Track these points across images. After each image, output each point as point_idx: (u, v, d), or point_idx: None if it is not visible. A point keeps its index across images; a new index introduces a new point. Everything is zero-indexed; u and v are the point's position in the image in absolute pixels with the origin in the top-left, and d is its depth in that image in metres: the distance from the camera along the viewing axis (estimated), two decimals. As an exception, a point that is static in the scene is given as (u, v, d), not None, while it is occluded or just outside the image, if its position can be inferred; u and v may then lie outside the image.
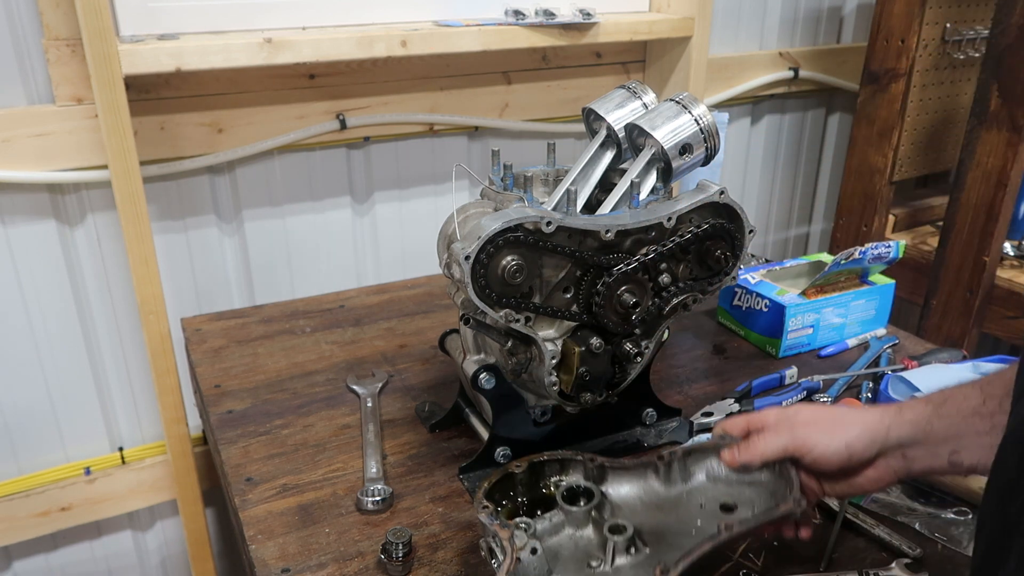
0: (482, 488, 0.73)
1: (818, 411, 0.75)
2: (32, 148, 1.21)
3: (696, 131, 0.86)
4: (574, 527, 0.72)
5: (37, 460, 1.41)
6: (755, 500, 0.74)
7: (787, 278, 1.28)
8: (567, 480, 0.77)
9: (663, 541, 0.71)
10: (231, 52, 1.19)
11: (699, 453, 0.77)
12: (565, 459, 0.77)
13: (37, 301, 1.32)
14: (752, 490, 0.75)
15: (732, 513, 0.74)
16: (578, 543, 0.71)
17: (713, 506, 0.75)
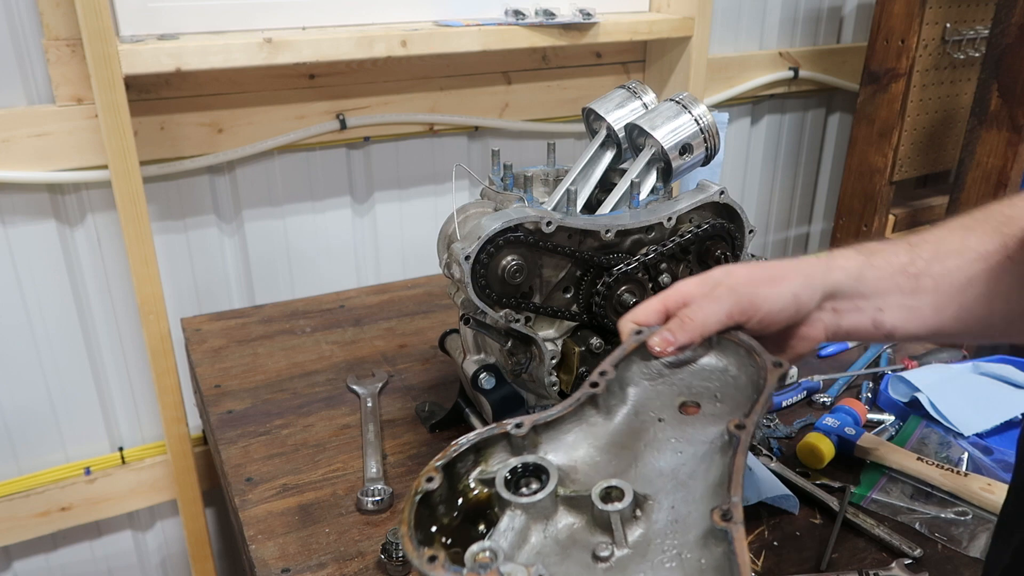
0: (406, 532, 0.51)
1: (751, 268, 0.65)
2: (32, 148, 1.21)
3: (696, 131, 0.86)
4: (542, 522, 0.54)
5: (37, 460, 1.41)
6: (717, 387, 0.62)
7: (787, 278, 1.28)
8: (493, 467, 0.57)
9: (656, 488, 0.56)
10: (231, 52, 1.19)
11: (626, 362, 0.62)
12: (479, 442, 0.57)
13: (37, 301, 1.32)
14: (705, 378, 0.63)
15: (699, 410, 0.61)
16: (560, 538, 0.53)
17: (673, 413, 0.61)
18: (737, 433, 0.54)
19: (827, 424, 0.96)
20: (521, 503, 0.53)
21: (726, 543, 0.47)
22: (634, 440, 0.59)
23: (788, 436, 0.99)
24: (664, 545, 0.51)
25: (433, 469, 0.54)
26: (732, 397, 0.60)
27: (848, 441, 0.94)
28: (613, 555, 0.51)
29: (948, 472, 0.88)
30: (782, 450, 0.96)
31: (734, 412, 0.58)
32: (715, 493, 0.52)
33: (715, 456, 0.55)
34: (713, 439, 0.57)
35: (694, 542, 0.50)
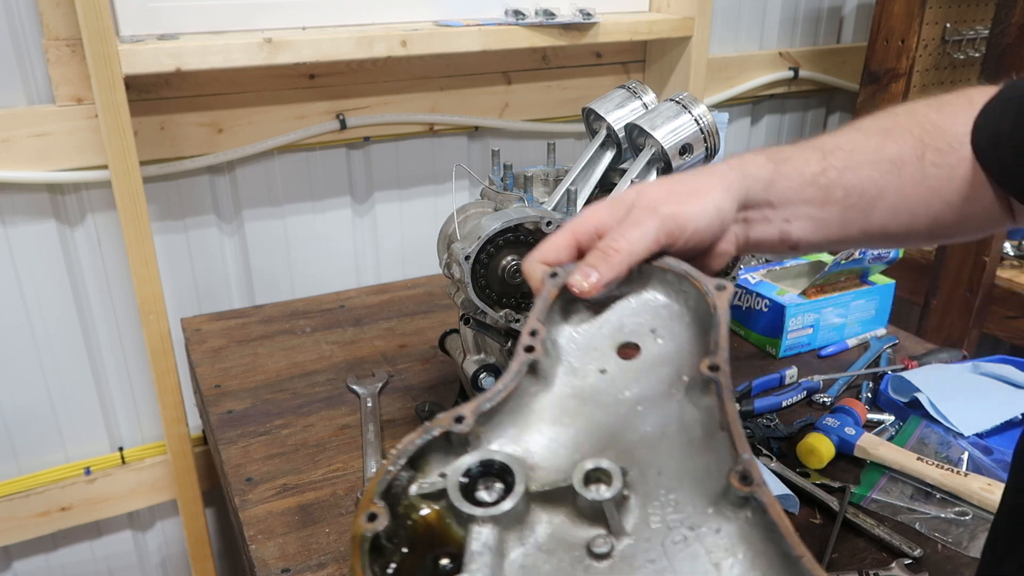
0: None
1: (665, 184, 0.58)
2: (32, 148, 1.21)
3: (696, 131, 0.86)
4: (517, 530, 0.44)
5: (37, 460, 1.41)
6: (651, 323, 0.53)
7: (787, 278, 1.28)
8: (432, 478, 0.45)
9: (630, 456, 0.46)
10: (231, 52, 1.19)
11: (550, 313, 0.53)
12: (415, 451, 0.45)
13: (37, 301, 1.32)
14: (635, 314, 0.54)
15: (639, 352, 0.52)
16: (544, 544, 0.44)
17: (614, 362, 0.52)
18: (714, 375, 0.46)
19: (827, 424, 0.96)
20: (489, 515, 0.42)
21: (750, 509, 0.42)
22: (582, 404, 0.50)
23: (788, 436, 0.99)
24: (667, 521, 0.44)
25: (373, 504, 0.42)
26: (673, 331, 0.52)
27: (848, 441, 0.94)
28: (614, 549, 0.43)
29: (948, 472, 0.88)
30: (782, 450, 0.96)
31: (682, 348, 0.51)
32: (705, 449, 0.45)
33: (685, 405, 0.47)
34: (671, 383, 0.49)
35: (702, 511, 0.43)
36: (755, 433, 0.99)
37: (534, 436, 0.48)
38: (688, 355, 0.50)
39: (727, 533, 0.42)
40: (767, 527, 0.41)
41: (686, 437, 0.46)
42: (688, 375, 0.48)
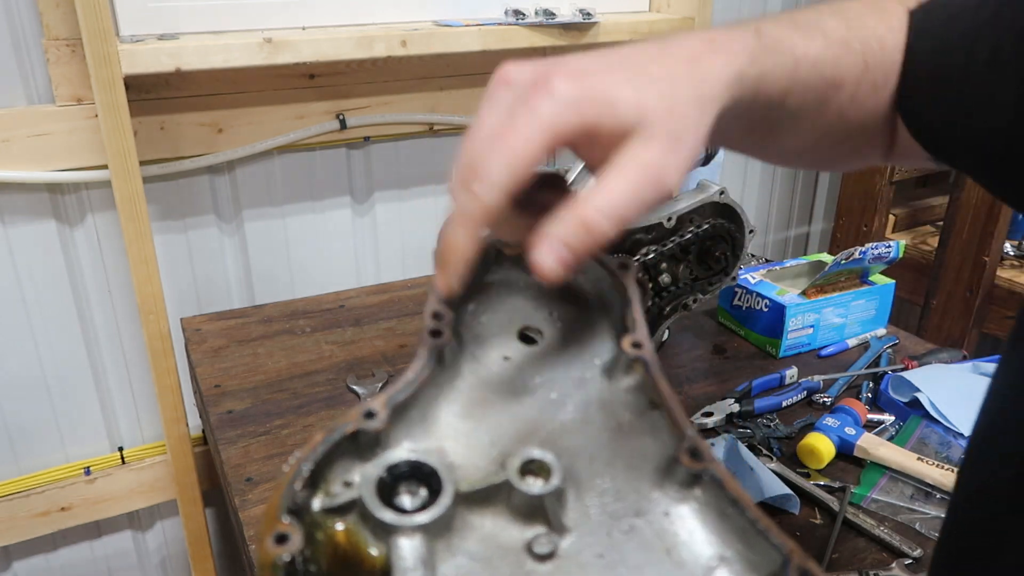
0: None
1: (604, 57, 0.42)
2: (32, 148, 1.21)
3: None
4: (446, 538, 0.38)
5: (37, 460, 1.41)
6: (547, 306, 0.48)
7: (787, 278, 1.28)
8: (336, 488, 0.38)
9: (554, 446, 0.42)
10: (231, 52, 1.19)
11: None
12: (322, 457, 0.38)
13: (37, 301, 1.32)
14: (529, 299, 0.49)
15: (541, 336, 0.47)
16: (476, 551, 0.38)
17: (516, 347, 0.47)
18: (639, 353, 0.42)
19: (827, 424, 0.96)
20: (416, 523, 0.36)
21: (700, 487, 0.39)
22: (492, 394, 0.45)
23: (788, 436, 0.99)
24: (609, 511, 0.40)
25: (279, 523, 0.35)
26: (570, 313, 0.48)
27: (848, 441, 0.94)
28: (557, 547, 0.39)
29: (948, 472, 0.88)
30: (782, 450, 0.96)
31: (586, 330, 0.47)
32: (636, 431, 0.42)
33: (604, 389, 0.44)
34: (583, 367, 0.45)
35: (646, 495, 0.40)
36: (755, 433, 0.99)
37: (446, 432, 0.43)
38: (593, 339, 0.47)
39: (677, 515, 0.40)
40: (721, 504, 0.39)
41: (613, 421, 0.43)
42: (600, 358, 0.45)
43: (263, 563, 0.34)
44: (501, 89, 0.40)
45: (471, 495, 0.39)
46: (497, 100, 0.40)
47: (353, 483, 0.38)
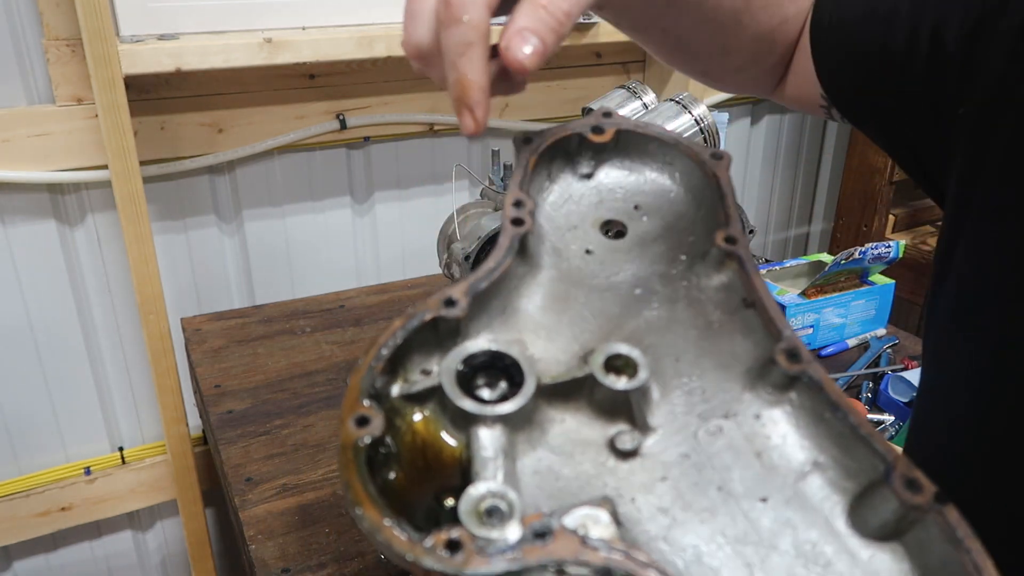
0: (376, 517, 0.31)
1: None
2: (32, 148, 1.21)
3: (696, 131, 0.86)
4: (526, 431, 0.37)
5: (37, 460, 1.41)
6: (632, 199, 0.46)
7: (787, 278, 1.28)
8: (415, 377, 0.37)
9: (638, 343, 0.39)
10: (231, 52, 1.19)
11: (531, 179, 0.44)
12: (402, 341, 0.36)
13: (37, 301, 1.32)
14: (611, 191, 0.47)
15: (626, 232, 0.45)
16: (557, 446, 0.37)
17: (599, 241, 0.45)
18: (733, 249, 0.41)
19: (827, 424, 0.96)
20: (498, 413, 0.35)
21: (795, 390, 0.37)
22: (574, 288, 0.43)
23: (788, 436, 0.99)
24: (696, 412, 0.38)
25: (361, 406, 0.34)
26: (659, 208, 0.46)
27: (848, 441, 0.94)
28: (640, 445, 0.37)
29: (948, 472, 0.88)
30: (782, 450, 0.96)
31: (672, 226, 0.45)
32: (726, 331, 0.40)
33: (692, 286, 0.42)
34: (669, 263, 0.43)
35: (736, 397, 0.38)
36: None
37: (526, 325, 0.41)
38: (681, 232, 0.44)
39: (769, 418, 0.37)
40: (818, 408, 0.36)
41: (702, 320, 0.41)
42: (687, 254, 0.43)
43: (345, 444, 0.33)
44: None
45: (553, 388, 0.38)
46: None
47: (432, 372, 0.37)
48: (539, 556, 0.29)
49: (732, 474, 0.36)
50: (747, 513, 0.35)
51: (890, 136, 0.56)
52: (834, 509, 0.35)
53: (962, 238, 0.48)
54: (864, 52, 0.54)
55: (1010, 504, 0.45)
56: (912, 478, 0.32)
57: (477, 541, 0.30)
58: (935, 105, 0.50)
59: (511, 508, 0.32)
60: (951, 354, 0.49)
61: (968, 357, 0.48)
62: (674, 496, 0.36)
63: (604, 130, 0.45)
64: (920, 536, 0.32)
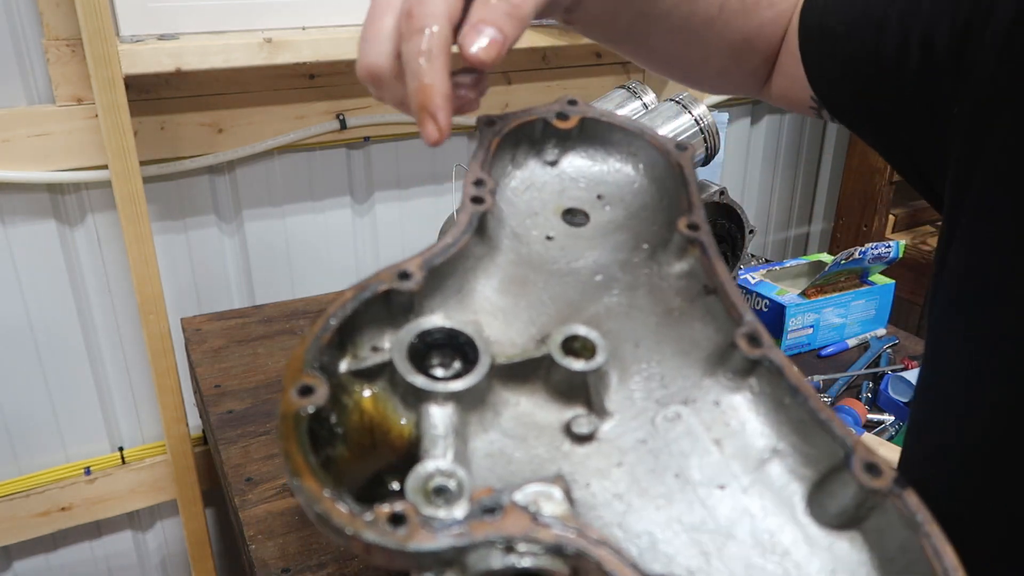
0: (315, 488, 0.29)
1: None
2: (32, 148, 1.21)
3: (696, 131, 0.86)
4: (479, 412, 0.36)
5: (37, 460, 1.41)
6: (593, 188, 0.46)
7: (787, 278, 1.28)
8: (364, 353, 0.36)
9: (597, 328, 0.38)
10: (231, 52, 1.19)
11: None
12: (350, 313, 0.35)
13: (37, 301, 1.32)
14: (574, 179, 0.46)
15: (588, 220, 0.45)
16: (510, 428, 0.36)
17: (560, 228, 0.44)
18: (696, 235, 0.41)
19: (827, 424, 0.96)
20: (450, 391, 0.34)
21: (755, 376, 0.36)
22: (533, 272, 0.42)
23: (788, 436, 0.99)
24: (654, 397, 0.38)
25: (304, 375, 0.32)
26: (622, 197, 0.46)
27: (848, 441, 0.94)
28: (597, 429, 0.36)
29: (948, 472, 0.88)
30: (782, 450, 0.96)
31: (634, 215, 0.45)
32: (687, 317, 0.40)
33: (654, 273, 0.42)
34: (631, 251, 0.43)
35: (695, 383, 0.38)
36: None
37: (482, 306, 0.40)
38: (644, 221, 0.44)
39: (729, 405, 0.37)
40: (778, 394, 0.36)
41: (661, 306, 0.41)
42: (650, 242, 0.43)
43: (285, 413, 0.31)
44: None
45: (508, 369, 0.36)
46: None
47: (382, 348, 0.36)
48: (487, 532, 0.28)
49: (690, 461, 0.35)
50: (704, 500, 0.34)
51: (885, 139, 0.56)
52: (793, 497, 0.34)
53: (956, 238, 0.48)
54: (855, 59, 0.54)
55: (1009, 502, 0.45)
56: (871, 462, 0.32)
57: (421, 516, 0.28)
58: (930, 108, 0.50)
59: (460, 488, 0.30)
60: (949, 353, 0.49)
61: (966, 357, 0.48)
62: (630, 482, 0.35)
63: (568, 117, 0.45)
64: (879, 522, 0.32)
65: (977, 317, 0.47)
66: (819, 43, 0.57)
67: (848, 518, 0.33)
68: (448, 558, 0.28)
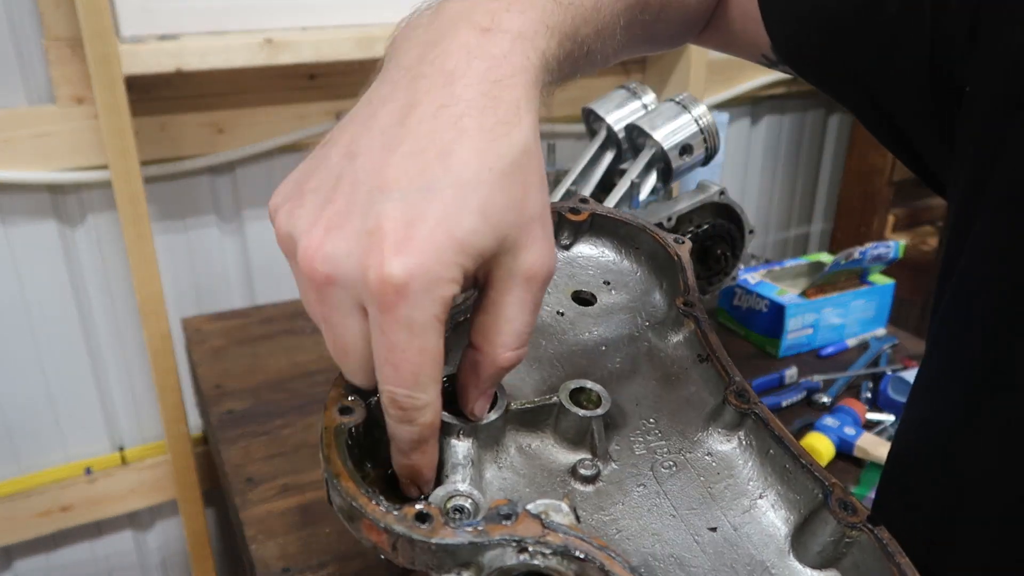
0: (354, 488, 0.34)
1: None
2: (32, 148, 1.21)
3: (696, 131, 0.86)
4: (493, 449, 0.41)
5: (38, 460, 1.41)
6: (601, 274, 0.52)
7: (787, 278, 1.28)
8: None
9: (604, 387, 0.44)
10: (231, 52, 1.19)
11: None
12: None
13: (37, 301, 1.32)
14: (583, 267, 0.53)
15: (595, 301, 0.51)
16: (520, 467, 0.41)
17: (570, 305, 0.51)
18: (689, 310, 0.48)
19: (827, 424, 0.96)
20: (470, 426, 0.39)
21: (744, 430, 0.41)
22: (544, 339, 0.48)
23: (788, 436, 0.99)
24: (653, 449, 0.43)
25: (343, 396, 0.38)
26: (625, 284, 0.52)
27: (848, 441, 0.94)
28: (600, 472, 0.41)
29: (948, 472, 0.88)
30: (782, 450, 0.96)
31: (636, 299, 0.51)
32: (683, 382, 0.45)
33: (654, 345, 0.48)
34: (633, 327, 0.49)
35: (690, 438, 0.43)
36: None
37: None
38: (644, 304, 0.51)
39: (720, 456, 0.42)
40: (764, 444, 0.41)
41: (660, 372, 0.47)
42: (651, 319, 0.50)
43: (328, 426, 0.37)
44: (330, 288, 0.35)
45: (521, 413, 0.41)
46: (337, 306, 0.35)
47: None
48: (502, 533, 0.31)
49: (684, 505, 0.40)
50: (696, 537, 0.38)
51: (864, 101, 0.51)
52: (778, 538, 0.39)
53: (973, 230, 0.44)
54: (823, 3, 0.49)
55: (1005, 494, 0.44)
56: (847, 501, 0.36)
57: (445, 516, 0.32)
58: (913, 62, 0.44)
59: (476, 508, 0.35)
60: (953, 345, 0.47)
61: (968, 348, 0.46)
62: (629, 517, 0.39)
63: (580, 212, 0.52)
64: (855, 559, 0.36)
65: (995, 318, 0.43)
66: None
67: (828, 556, 0.37)
68: (465, 558, 0.31)
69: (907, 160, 0.52)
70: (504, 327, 0.36)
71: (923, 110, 0.47)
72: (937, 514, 0.46)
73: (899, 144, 0.52)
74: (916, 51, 0.45)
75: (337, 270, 0.34)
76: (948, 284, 0.46)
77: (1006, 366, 0.42)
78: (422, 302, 0.33)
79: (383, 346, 0.34)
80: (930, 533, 0.46)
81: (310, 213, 0.37)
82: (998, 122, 0.42)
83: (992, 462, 0.43)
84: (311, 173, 0.39)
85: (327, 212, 0.35)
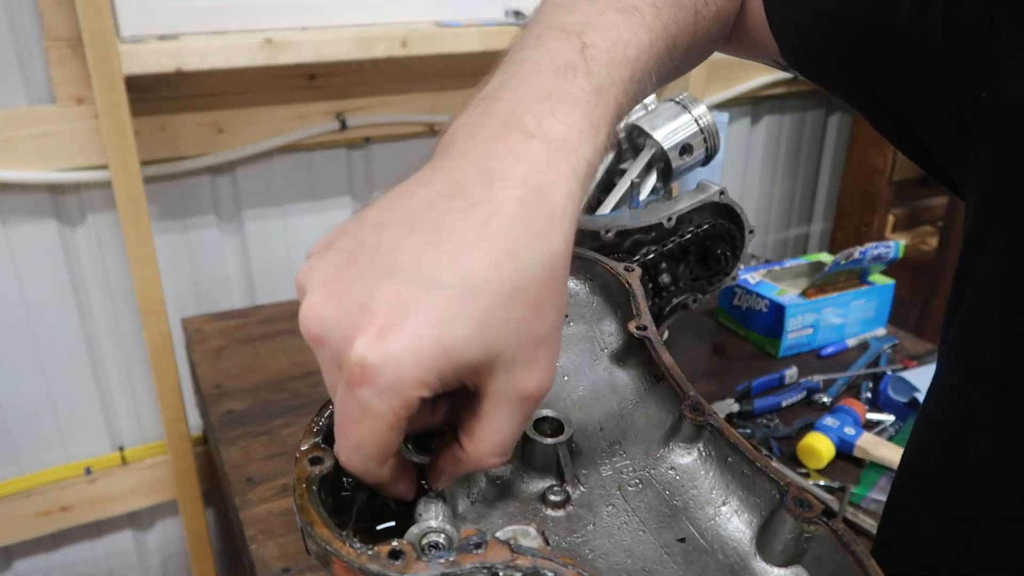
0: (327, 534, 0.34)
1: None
2: (32, 148, 1.21)
3: (696, 131, 0.86)
4: (464, 483, 0.43)
5: (38, 460, 1.41)
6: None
7: (787, 278, 1.28)
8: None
9: (566, 418, 0.46)
10: (231, 52, 1.19)
11: None
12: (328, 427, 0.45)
13: (38, 301, 1.32)
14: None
15: None
16: (492, 497, 0.43)
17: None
18: (644, 333, 0.48)
19: (827, 424, 0.96)
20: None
21: (702, 442, 0.43)
22: None
23: (788, 436, 0.99)
24: (618, 469, 0.44)
25: (314, 447, 0.41)
26: (582, 315, 0.53)
27: (848, 441, 0.94)
28: (569, 497, 0.42)
29: (948, 472, 0.88)
30: (782, 450, 0.96)
31: (593, 328, 0.53)
32: (642, 404, 0.47)
33: (612, 372, 0.50)
34: (593, 356, 0.51)
35: (653, 456, 0.45)
36: (755, 433, 0.99)
37: None
38: (601, 333, 0.53)
39: (683, 470, 0.44)
40: (722, 453, 0.42)
41: (619, 397, 0.48)
42: (608, 348, 0.51)
43: (300, 477, 0.38)
44: (319, 348, 0.38)
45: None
46: (324, 362, 0.39)
47: None
48: (473, 561, 0.33)
49: (653, 518, 0.42)
50: (666, 549, 0.40)
51: (874, 105, 0.51)
52: (744, 541, 0.40)
53: (991, 237, 0.42)
54: (840, 17, 0.48)
55: (1017, 496, 0.44)
56: (803, 498, 0.38)
57: (417, 551, 0.33)
58: (926, 61, 0.44)
59: (450, 543, 0.36)
60: (967, 348, 0.46)
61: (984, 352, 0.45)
62: (600, 537, 0.41)
63: None
64: (816, 552, 0.37)
65: (1013, 320, 0.42)
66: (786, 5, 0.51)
67: (791, 553, 0.38)
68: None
69: (920, 161, 0.51)
70: (492, 437, 0.36)
71: (937, 112, 0.46)
72: (948, 515, 0.46)
73: (912, 146, 0.51)
74: (928, 54, 0.45)
75: (325, 333, 0.36)
76: (964, 289, 0.45)
77: (1021, 369, 0.42)
78: (384, 395, 0.33)
79: (339, 409, 0.37)
80: (942, 535, 0.46)
81: (324, 271, 0.36)
82: (1017, 128, 0.41)
83: (1004, 463, 0.43)
84: (346, 231, 0.38)
85: (340, 274, 0.35)
